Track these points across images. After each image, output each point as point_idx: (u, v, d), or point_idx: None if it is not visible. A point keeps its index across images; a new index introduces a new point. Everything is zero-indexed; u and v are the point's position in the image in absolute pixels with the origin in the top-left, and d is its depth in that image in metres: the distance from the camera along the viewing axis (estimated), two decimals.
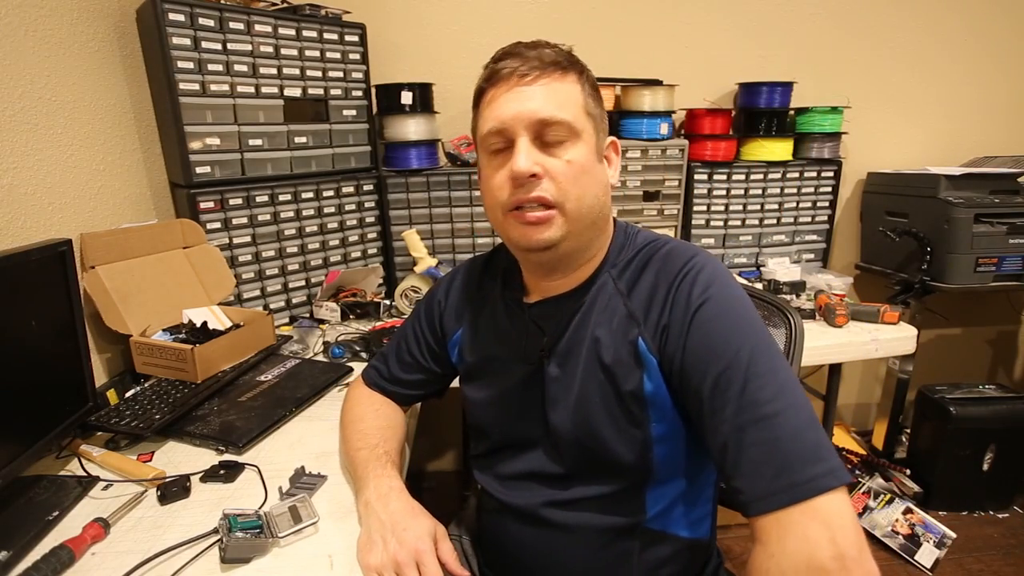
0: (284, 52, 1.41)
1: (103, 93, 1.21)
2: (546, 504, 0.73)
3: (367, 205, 1.65)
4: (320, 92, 1.50)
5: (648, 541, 0.72)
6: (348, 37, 1.53)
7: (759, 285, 1.78)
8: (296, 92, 1.45)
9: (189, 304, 1.24)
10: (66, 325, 0.90)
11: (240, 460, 0.89)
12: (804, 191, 1.89)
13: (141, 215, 1.32)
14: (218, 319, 1.24)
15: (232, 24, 1.31)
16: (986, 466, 1.77)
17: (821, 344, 1.42)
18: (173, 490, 0.81)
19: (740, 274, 1.88)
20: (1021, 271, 1.70)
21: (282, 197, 1.47)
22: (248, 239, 1.43)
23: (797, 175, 1.87)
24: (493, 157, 0.69)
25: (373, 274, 1.65)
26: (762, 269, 1.89)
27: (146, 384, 1.11)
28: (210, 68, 1.29)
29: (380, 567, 0.65)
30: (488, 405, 0.81)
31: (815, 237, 1.95)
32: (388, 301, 1.62)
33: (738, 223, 1.88)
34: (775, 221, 1.90)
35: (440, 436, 2.07)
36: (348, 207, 1.61)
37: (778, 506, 0.54)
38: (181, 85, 1.25)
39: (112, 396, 1.06)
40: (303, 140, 1.49)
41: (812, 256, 1.96)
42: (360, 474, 0.78)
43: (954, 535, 1.63)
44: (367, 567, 0.66)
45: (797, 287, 1.69)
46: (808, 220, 1.92)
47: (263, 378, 1.15)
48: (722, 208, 1.86)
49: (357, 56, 1.56)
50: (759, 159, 1.82)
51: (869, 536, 1.67)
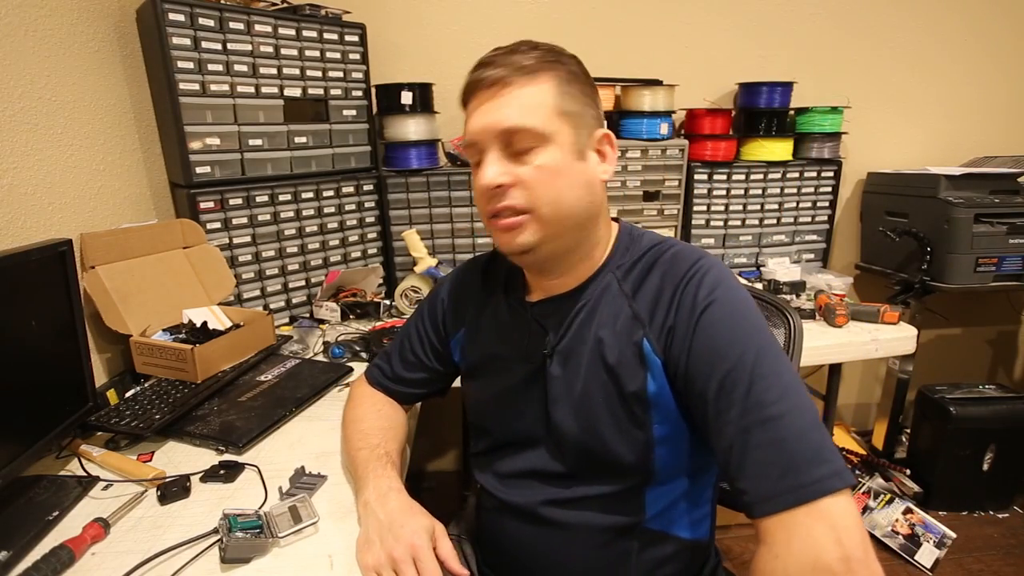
0: (284, 52, 1.41)
1: (103, 93, 1.21)
2: (545, 503, 0.73)
3: (367, 205, 1.65)
4: (320, 92, 1.50)
5: (647, 541, 0.72)
6: (348, 37, 1.53)
7: (759, 285, 1.78)
8: (296, 92, 1.45)
9: (189, 304, 1.24)
10: (66, 325, 0.90)
11: (240, 460, 0.89)
12: (804, 191, 1.89)
13: (141, 215, 1.32)
14: (218, 319, 1.24)
15: (232, 24, 1.31)
16: (986, 466, 1.77)
17: (821, 344, 1.42)
18: (173, 490, 0.81)
19: (740, 274, 1.88)
20: (1021, 271, 1.70)
21: (282, 197, 1.47)
22: (248, 239, 1.43)
23: (797, 175, 1.87)
24: (475, 168, 0.71)
25: (373, 274, 1.65)
26: (762, 269, 1.89)
27: (146, 384, 1.11)
28: (210, 68, 1.29)
29: (377, 565, 0.65)
30: (489, 403, 0.81)
31: (815, 237, 1.95)
32: (388, 301, 1.62)
33: (738, 223, 1.88)
34: (775, 221, 1.90)
35: (440, 436, 2.07)
36: (348, 207, 1.61)
37: (784, 507, 0.54)
38: (181, 85, 1.25)
39: (112, 396, 1.06)
40: (303, 140, 1.49)
41: (812, 256, 1.96)
42: (360, 474, 0.78)
43: (954, 535, 1.63)
44: (364, 567, 0.66)
45: (797, 287, 1.69)
46: (808, 220, 1.92)
47: (263, 378, 1.15)
48: (722, 208, 1.86)
49: (357, 56, 1.56)
50: (759, 159, 1.82)
51: (869, 536, 1.67)
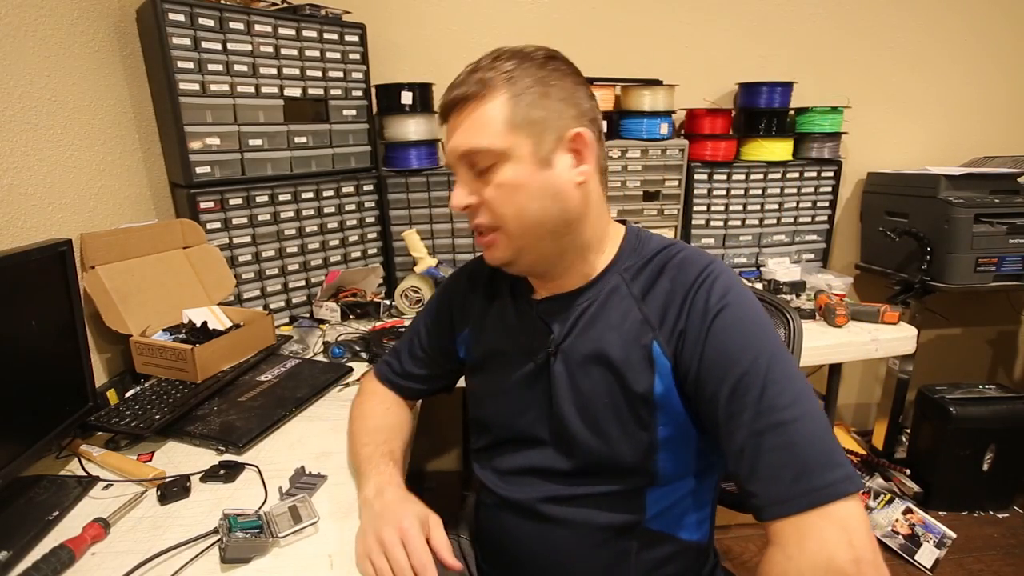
0: (284, 52, 1.41)
1: (103, 93, 1.21)
2: (545, 499, 0.74)
3: (367, 205, 1.65)
4: (320, 92, 1.50)
5: (647, 541, 0.72)
6: (348, 37, 1.53)
7: (759, 285, 1.78)
8: (296, 92, 1.45)
9: (189, 304, 1.24)
10: (66, 325, 0.90)
11: (240, 460, 0.89)
12: (804, 191, 1.89)
13: (141, 215, 1.32)
14: (218, 319, 1.24)
15: (232, 24, 1.31)
16: (986, 466, 1.77)
17: (821, 344, 1.42)
18: (173, 490, 0.81)
19: (740, 274, 1.88)
20: (1021, 271, 1.70)
21: (282, 197, 1.47)
22: (248, 239, 1.43)
23: (797, 175, 1.86)
24: None
25: (373, 274, 1.65)
26: (762, 269, 1.89)
27: (146, 384, 1.11)
28: (210, 68, 1.29)
29: (368, 551, 0.67)
30: (491, 399, 0.81)
31: (815, 237, 1.95)
32: (388, 301, 1.62)
33: (738, 223, 1.88)
34: (775, 221, 1.90)
35: (440, 436, 2.07)
36: (348, 207, 1.61)
37: (797, 510, 0.55)
38: (181, 85, 1.25)
39: (112, 396, 1.06)
40: (303, 140, 1.49)
41: (812, 256, 1.96)
42: (363, 471, 0.79)
43: (954, 535, 1.63)
44: (358, 556, 0.68)
45: (797, 287, 1.69)
46: (808, 220, 1.92)
47: (263, 378, 1.15)
48: (722, 208, 1.86)
49: (357, 56, 1.56)
50: (759, 159, 1.82)
51: None
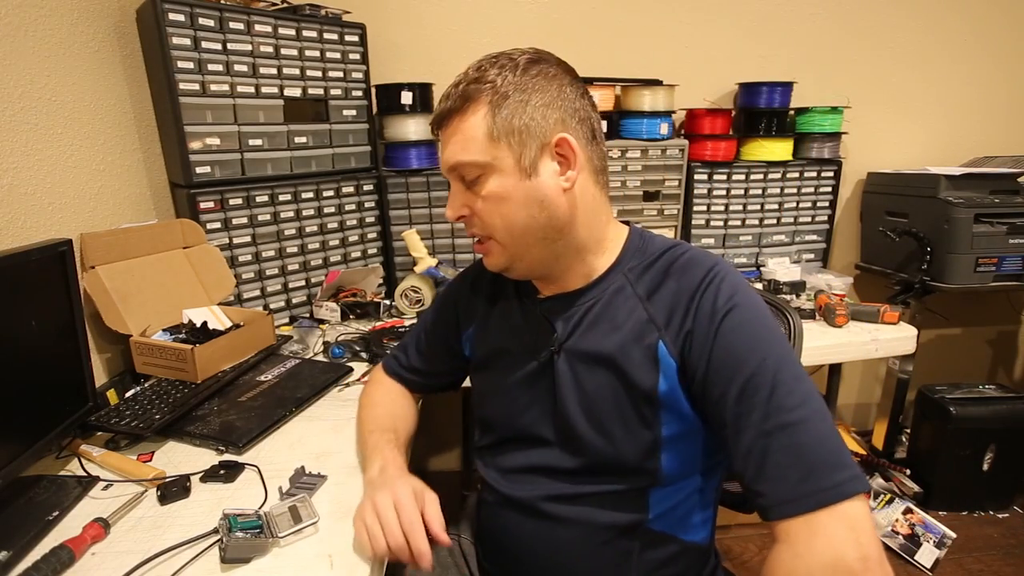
0: (284, 52, 1.41)
1: (103, 93, 1.21)
2: (547, 498, 0.74)
3: (367, 205, 1.65)
4: (320, 92, 1.50)
5: (648, 542, 0.72)
6: (348, 37, 1.53)
7: (759, 285, 1.78)
8: (296, 92, 1.45)
9: (189, 304, 1.24)
10: (66, 325, 0.90)
11: (240, 460, 0.89)
12: (804, 191, 1.89)
13: (141, 215, 1.32)
14: (218, 319, 1.24)
15: (232, 24, 1.31)
16: (986, 466, 1.77)
17: (821, 344, 1.42)
18: (173, 490, 0.81)
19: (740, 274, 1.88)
20: (1021, 271, 1.70)
21: (282, 197, 1.47)
22: (248, 239, 1.43)
23: (797, 175, 1.86)
24: None
25: (373, 274, 1.65)
26: (762, 269, 1.89)
27: (146, 384, 1.11)
28: (210, 68, 1.29)
29: (363, 513, 0.69)
30: (495, 397, 0.82)
31: (815, 237, 1.95)
32: (388, 301, 1.62)
33: (738, 223, 1.88)
34: (775, 221, 1.90)
35: (440, 436, 2.07)
36: (348, 207, 1.61)
37: (806, 509, 0.56)
38: (181, 85, 1.25)
39: (112, 396, 1.06)
40: (303, 140, 1.49)
41: (812, 256, 1.96)
42: (368, 455, 0.81)
43: (954, 535, 1.63)
44: (355, 519, 0.70)
45: (797, 287, 1.69)
46: (808, 220, 1.92)
47: (263, 378, 1.15)
48: (722, 208, 1.86)
49: (357, 56, 1.56)
50: (759, 159, 1.82)
51: None
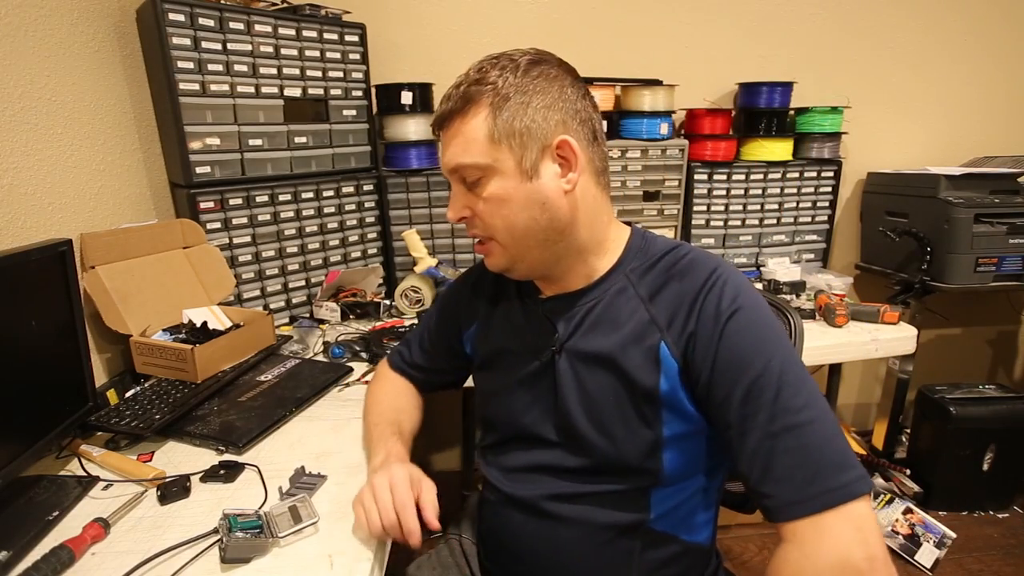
0: (284, 52, 1.41)
1: (103, 93, 1.21)
2: (548, 497, 0.74)
3: (367, 205, 1.65)
4: (320, 92, 1.50)
5: (649, 542, 0.72)
6: (348, 37, 1.53)
7: (759, 285, 1.78)
8: (296, 92, 1.45)
9: (189, 304, 1.24)
10: (66, 325, 0.90)
11: (240, 460, 0.89)
12: (804, 191, 1.89)
13: (141, 215, 1.32)
14: (218, 319, 1.24)
15: (232, 24, 1.31)
16: (986, 466, 1.77)
17: (821, 344, 1.42)
18: (173, 490, 0.81)
19: None
20: (1021, 271, 1.70)
21: (282, 197, 1.47)
22: (248, 239, 1.43)
23: (797, 175, 1.86)
24: None
25: (373, 274, 1.65)
26: (762, 269, 1.89)
27: (146, 384, 1.11)
28: (210, 68, 1.29)
29: (361, 495, 0.72)
30: (497, 397, 0.82)
31: (815, 237, 1.95)
32: (388, 301, 1.62)
33: (738, 223, 1.88)
34: (775, 221, 1.90)
35: (440, 436, 2.07)
36: (348, 207, 1.61)
37: (814, 510, 0.56)
38: (181, 85, 1.25)
39: (112, 396, 1.06)
40: (303, 140, 1.49)
41: (812, 256, 1.96)
42: (372, 447, 0.83)
43: (954, 535, 1.63)
44: (355, 509, 0.72)
45: (797, 287, 1.69)
46: (808, 220, 1.92)
47: (263, 378, 1.15)
48: (722, 208, 1.86)
49: (357, 56, 1.56)
50: (759, 159, 1.82)
51: None
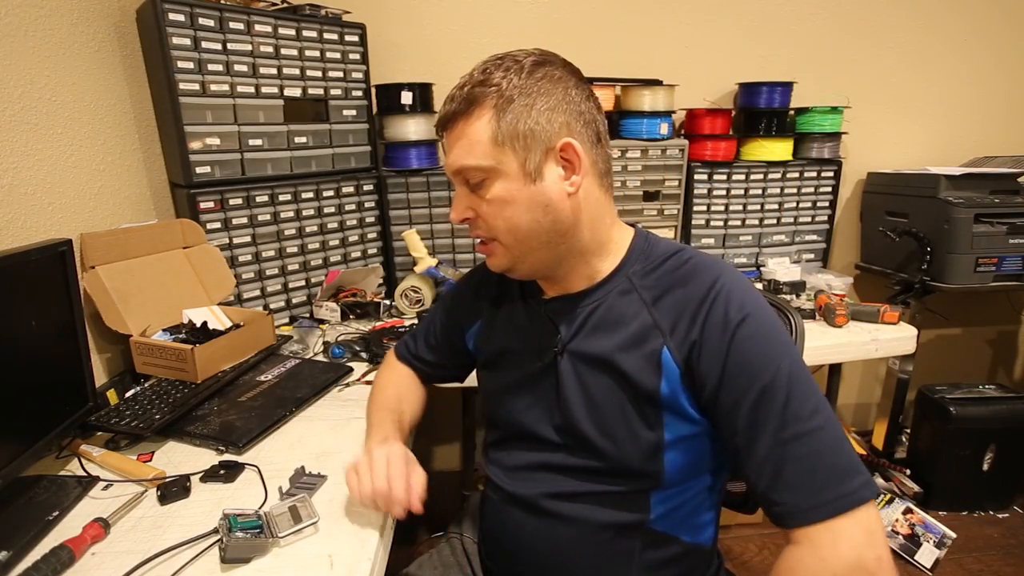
0: (284, 52, 1.41)
1: (103, 93, 1.21)
2: (549, 495, 0.74)
3: (367, 205, 1.65)
4: (320, 92, 1.50)
5: (650, 542, 0.72)
6: (348, 37, 1.53)
7: (759, 285, 1.78)
8: (296, 92, 1.45)
9: (189, 304, 1.24)
10: (66, 325, 0.90)
11: (240, 460, 0.89)
12: (804, 191, 1.89)
13: (141, 215, 1.32)
14: (218, 319, 1.24)
15: (232, 24, 1.31)
16: (986, 466, 1.77)
17: (821, 344, 1.42)
18: (173, 490, 0.81)
19: None
20: (1021, 271, 1.70)
21: (282, 197, 1.47)
22: (248, 239, 1.43)
23: (797, 175, 1.86)
24: None
25: (373, 274, 1.65)
26: (762, 269, 1.89)
27: (146, 384, 1.11)
28: (210, 68, 1.29)
29: (356, 464, 0.73)
30: (500, 396, 0.82)
31: (815, 237, 1.95)
32: (388, 301, 1.62)
33: (738, 223, 1.88)
34: (775, 221, 1.90)
35: (439, 436, 2.07)
36: (348, 207, 1.61)
37: (827, 516, 0.57)
38: (181, 85, 1.25)
39: (112, 396, 1.06)
40: (303, 140, 1.49)
41: (812, 256, 1.96)
42: (372, 431, 0.85)
43: (954, 535, 1.63)
44: (347, 476, 0.73)
45: (797, 287, 1.69)
46: (808, 220, 1.92)
47: (263, 378, 1.15)
48: (722, 208, 1.86)
49: (357, 56, 1.56)
50: (759, 159, 1.82)
51: None
